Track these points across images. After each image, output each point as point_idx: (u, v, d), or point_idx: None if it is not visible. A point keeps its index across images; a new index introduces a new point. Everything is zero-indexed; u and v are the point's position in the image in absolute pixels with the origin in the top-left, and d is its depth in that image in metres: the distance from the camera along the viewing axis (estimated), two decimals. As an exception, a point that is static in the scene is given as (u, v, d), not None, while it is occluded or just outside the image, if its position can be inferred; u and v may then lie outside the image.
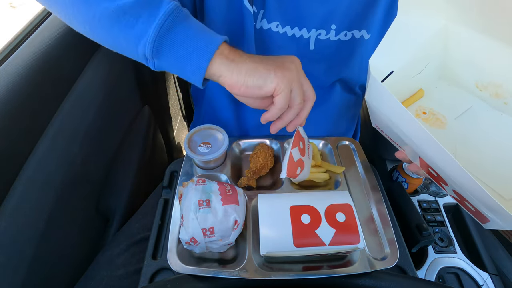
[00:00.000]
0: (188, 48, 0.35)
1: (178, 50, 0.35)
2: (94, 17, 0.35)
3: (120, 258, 0.50)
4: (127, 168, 0.68)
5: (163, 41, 0.34)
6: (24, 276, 0.40)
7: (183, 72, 0.37)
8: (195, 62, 0.35)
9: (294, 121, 0.43)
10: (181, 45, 0.35)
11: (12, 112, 0.40)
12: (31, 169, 0.42)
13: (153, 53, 0.35)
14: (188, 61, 0.35)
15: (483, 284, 0.55)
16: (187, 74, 0.37)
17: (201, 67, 0.36)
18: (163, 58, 0.36)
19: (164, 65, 0.37)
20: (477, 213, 0.37)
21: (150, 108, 0.81)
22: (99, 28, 0.36)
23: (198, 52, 0.35)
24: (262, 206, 0.41)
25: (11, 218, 0.38)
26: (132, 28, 0.34)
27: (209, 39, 0.36)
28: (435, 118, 0.48)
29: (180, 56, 0.35)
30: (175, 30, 0.34)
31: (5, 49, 0.45)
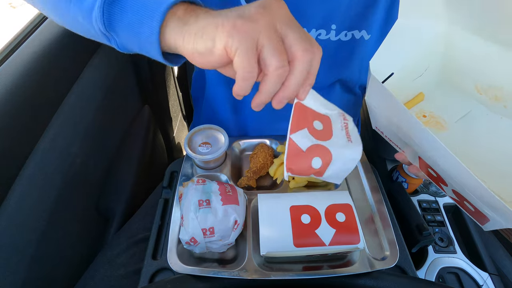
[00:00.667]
0: (138, 12, 0.29)
1: (128, 16, 0.29)
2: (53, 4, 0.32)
3: (120, 258, 0.50)
4: (127, 168, 0.68)
5: (112, 8, 0.29)
6: (24, 276, 0.40)
7: (140, 46, 0.31)
8: (146, 28, 0.29)
9: (278, 94, 0.30)
10: (131, 9, 0.29)
11: (12, 112, 0.40)
12: (31, 169, 0.42)
13: (106, 25, 0.30)
14: (139, 28, 0.29)
15: (483, 284, 0.55)
16: (145, 47, 0.31)
17: (152, 32, 0.29)
18: (117, 30, 0.30)
19: (123, 40, 0.31)
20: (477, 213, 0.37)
21: (150, 108, 0.81)
22: (63, 11, 0.33)
23: (148, 15, 0.28)
24: (262, 206, 0.41)
25: (11, 218, 0.39)
26: (82, 3, 0.30)
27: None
28: (435, 121, 0.48)
29: (131, 23, 0.29)
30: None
31: (5, 49, 0.45)
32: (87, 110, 0.54)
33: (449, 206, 0.69)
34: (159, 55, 0.31)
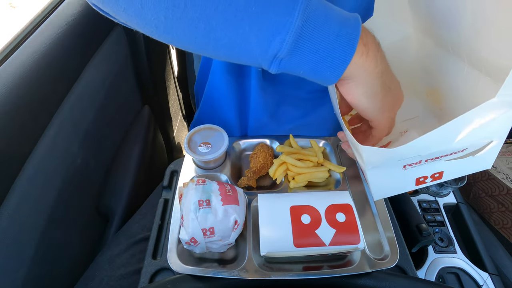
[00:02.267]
0: (329, 39, 0.28)
1: (320, 42, 0.28)
2: (216, 10, 0.26)
3: (120, 258, 0.50)
4: (127, 168, 0.68)
5: (305, 31, 0.27)
6: (24, 276, 0.40)
7: (317, 70, 0.30)
8: (337, 55, 0.29)
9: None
10: (325, 32, 0.27)
11: (12, 112, 0.40)
12: (31, 169, 0.42)
13: (292, 49, 0.27)
14: (329, 54, 0.28)
15: (483, 284, 0.55)
16: (322, 72, 0.30)
17: (345, 60, 0.29)
18: (298, 55, 0.28)
19: (294, 63, 0.29)
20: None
21: (150, 108, 0.81)
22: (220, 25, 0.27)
23: (341, 43, 0.28)
24: (262, 206, 0.41)
25: (11, 218, 0.39)
26: (265, 19, 0.26)
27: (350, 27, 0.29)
28: None
29: (320, 49, 0.28)
30: (318, 16, 0.27)
31: (5, 49, 0.45)
32: (87, 110, 0.54)
33: (449, 206, 0.69)
34: (333, 81, 0.32)
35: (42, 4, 0.55)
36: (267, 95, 0.56)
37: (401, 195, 0.63)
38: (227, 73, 0.56)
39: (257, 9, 0.26)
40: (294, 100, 0.59)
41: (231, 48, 0.29)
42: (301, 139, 0.58)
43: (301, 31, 0.27)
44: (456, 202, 0.69)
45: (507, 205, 0.73)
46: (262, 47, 0.28)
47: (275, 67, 0.29)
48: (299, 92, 0.58)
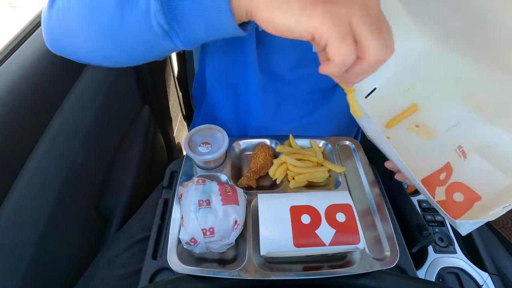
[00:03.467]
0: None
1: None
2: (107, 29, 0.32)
3: (120, 258, 0.50)
4: (127, 168, 0.68)
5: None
6: (24, 276, 0.40)
7: (208, 25, 0.29)
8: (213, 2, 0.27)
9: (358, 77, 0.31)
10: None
11: (12, 112, 0.40)
12: (31, 169, 0.42)
13: (167, 15, 0.28)
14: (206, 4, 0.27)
15: (483, 284, 0.55)
16: (214, 24, 0.29)
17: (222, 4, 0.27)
18: (179, 16, 0.28)
19: (187, 27, 0.29)
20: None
21: (150, 108, 0.81)
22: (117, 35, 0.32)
23: None
24: (262, 206, 0.41)
25: (11, 218, 0.39)
26: (136, 5, 0.29)
27: None
28: (425, 131, 0.49)
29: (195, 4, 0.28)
30: None
31: (5, 49, 0.45)
32: (87, 110, 0.54)
33: (449, 206, 0.69)
34: (233, 24, 0.28)
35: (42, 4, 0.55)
36: (267, 95, 0.57)
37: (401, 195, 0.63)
38: (227, 73, 0.56)
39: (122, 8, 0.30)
40: (295, 100, 0.59)
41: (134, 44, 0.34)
42: (301, 139, 0.58)
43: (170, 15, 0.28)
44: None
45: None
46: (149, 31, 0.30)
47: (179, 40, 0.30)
48: (299, 93, 0.58)
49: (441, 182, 0.43)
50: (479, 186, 0.39)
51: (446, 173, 0.44)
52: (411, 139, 0.49)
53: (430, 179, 0.45)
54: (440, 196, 0.42)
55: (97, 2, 0.31)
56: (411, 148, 0.48)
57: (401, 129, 0.50)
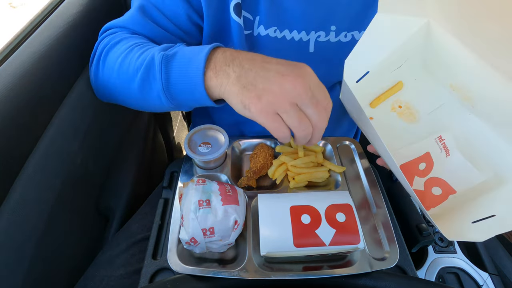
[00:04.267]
0: (185, 83, 0.39)
1: (182, 88, 0.40)
2: (135, 99, 0.47)
3: (120, 258, 0.50)
4: (127, 168, 0.68)
5: (169, 87, 0.40)
6: (24, 276, 0.40)
7: (198, 104, 0.42)
8: (196, 90, 0.39)
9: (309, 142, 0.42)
10: (180, 84, 0.40)
11: (12, 112, 0.40)
12: (31, 169, 0.42)
13: (171, 101, 0.42)
14: (192, 92, 0.40)
15: (483, 284, 0.55)
16: (202, 103, 0.42)
17: (201, 94, 0.39)
18: (179, 99, 0.42)
19: (186, 104, 0.43)
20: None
21: (150, 108, 0.81)
22: (142, 104, 0.48)
23: (193, 81, 0.39)
24: (262, 206, 0.41)
25: (11, 218, 0.38)
26: (152, 95, 0.42)
27: (196, 62, 0.38)
28: (409, 112, 0.50)
29: (183, 89, 0.40)
30: (170, 76, 0.40)
31: (5, 49, 0.45)
32: (87, 110, 0.54)
33: (449, 206, 0.69)
34: (213, 104, 0.41)
35: (42, 4, 0.55)
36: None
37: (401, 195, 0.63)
38: None
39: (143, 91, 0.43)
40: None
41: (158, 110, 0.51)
42: (301, 139, 0.57)
43: (168, 91, 0.41)
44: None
45: (507, 205, 0.73)
46: (163, 106, 0.44)
47: (184, 109, 0.47)
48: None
49: (421, 173, 0.45)
50: (456, 182, 0.42)
51: (426, 164, 0.45)
52: (393, 121, 0.50)
53: (408, 166, 0.46)
54: (418, 186, 0.44)
55: (126, 87, 0.46)
56: (392, 131, 0.49)
57: (385, 110, 0.51)
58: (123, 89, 0.46)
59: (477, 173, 0.41)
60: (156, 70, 0.40)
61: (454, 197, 0.42)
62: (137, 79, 0.42)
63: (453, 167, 0.43)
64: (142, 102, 0.46)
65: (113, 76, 0.46)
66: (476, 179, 0.41)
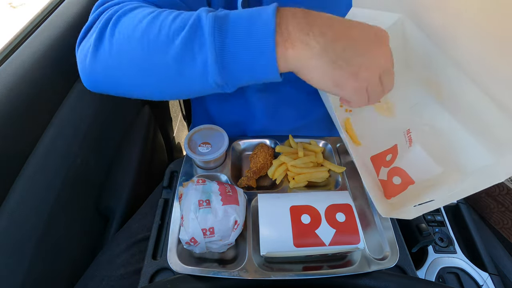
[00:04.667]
0: (249, 50, 0.31)
1: (241, 56, 0.32)
2: (161, 79, 0.35)
3: (120, 258, 0.50)
4: (127, 168, 0.68)
5: (224, 56, 0.31)
6: (24, 276, 0.40)
7: (259, 79, 0.35)
8: (261, 62, 0.32)
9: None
10: (242, 52, 0.31)
11: (12, 112, 0.40)
12: (31, 169, 0.42)
13: (223, 75, 0.32)
14: (256, 63, 0.32)
15: (483, 284, 0.55)
16: (263, 77, 0.34)
17: (272, 68, 0.32)
18: (233, 72, 0.33)
19: (239, 79, 0.34)
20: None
21: (150, 108, 0.81)
22: (171, 84, 0.36)
23: (259, 47, 0.31)
24: (262, 206, 0.41)
25: (11, 218, 0.39)
26: (194, 67, 0.33)
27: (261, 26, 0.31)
28: (387, 107, 0.52)
29: (244, 59, 0.32)
30: (227, 41, 0.31)
31: (5, 49, 0.45)
32: (87, 110, 0.54)
33: (449, 206, 0.69)
34: (278, 79, 0.34)
35: (42, 4, 0.55)
36: (267, 96, 0.57)
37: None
38: None
39: (183, 62, 0.33)
40: (294, 100, 0.59)
41: (190, 94, 0.38)
42: (301, 139, 0.58)
43: (221, 61, 0.32)
44: (456, 202, 0.69)
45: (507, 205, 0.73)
46: (205, 85, 0.34)
47: (228, 89, 0.35)
48: (299, 93, 0.58)
49: (387, 163, 0.47)
50: (415, 173, 0.43)
51: (392, 155, 0.47)
52: (371, 115, 0.52)
53: (378, 157, 0.48)
54: (383, 176, 0.46)
55: (153, 60, 0.34)
56: (370, 124, 0.50)
57: None
58: (146, 63, 0.34)
59: (434, 165, 0.42)
60: (206, 32, 0.31)
61: (413, 187, 0.43)
62: (175, 46, 0.32)
63: (413, 159, 0.44)
64: (170, 80, 0.35)
65: (131, 47, 0.34)
66: (434, 170, 0.42)
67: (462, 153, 0.41)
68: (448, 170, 0.41)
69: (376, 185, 0.45)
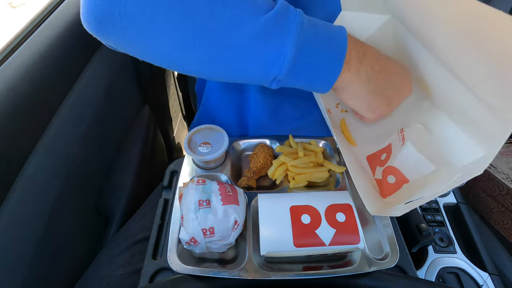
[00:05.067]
0: (320, 60, 0.33)
1: (313, 62, 0.32)
2: (216, 48, 0.30)
3: (120, 258, 0.50)
4: (127, 168, 0.68)
5: (300, 57, 0.31)
6: (24, 276, 0.40)
7: (311, 86, 0.36)
8: (327, 72, 0.34)
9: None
10: (315, 57, 0.32)
11: (12, 112, 0.40)
12: (31, 169, 0.42)
13: (288, 74, 0.32)
14: (319, 72, 0.34)
15: (483, 284, 0.55)
16: (316, 86, 0.37)
17: (332, 77, 0.35)
18: (295, 75, 0.33)
19: (293, 82, 0.35)
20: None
21: (150, 108, 0.81)
22: (223, 56, 0.31)
23: (329, 62, 0.33)
24: (262, 206, 0.41)
25: (11, 218, 0.39)
26: (263, 51, 0.30)
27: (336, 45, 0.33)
28: None
29: (313, 69, 0.33)
30: (309, 44, 0.31)
31: (5, 49, 0.45)
32: (87, 110, 0.54)
33: (449, 206, 0.69)
34: (326, 88, 0.37)
35: (42, 4, 0.55)
36: (267, 95, 0.56)
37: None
38: None
39: (256, 42, 0.30)
40: (294, 100, 0.59)
41: (235, 76, 0.35)
42: (301, 139, 0.58)
43: (295, 58, 0.31)
44: (456, 202, 0.69)
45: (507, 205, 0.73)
46: (263, 74, 0.33)
47: (275, 85, 0.35)
48: (299, 93, 0.58)
49: (381, 163, 0.47)
50: (408, 171, 0.44)
51: (386, 154, 0.47)
52: None
53: (374, 157, 0.49)
54: (378, 175, 0.47)
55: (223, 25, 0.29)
56: (364, 124, 0.50)
57: None
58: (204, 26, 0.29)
59: (427, 163, 0.43)
60: (292, 25, 0.30)
61: (408, 185, 0.44)
62: (256, 22, 0.29)
63: (405, 157, 0.44)
64: (226, 53, 0.31)
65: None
66: (427, 169, 0.43)
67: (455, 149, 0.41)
68: (441, 168, 0.42)
69: (372, 184, 0.46)
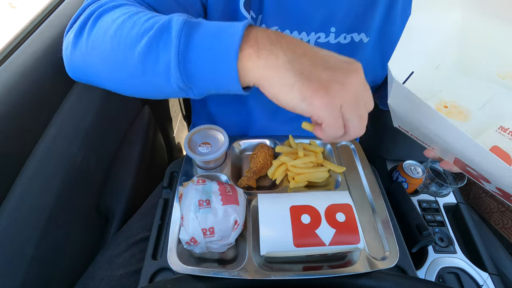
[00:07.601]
0: (211, 57, 0.31)
1: (203, 58, 0.31)
2: (128, 76, 0.36)
3: (120, 258, 0.50)
4: (127, 168, 0.68)
5: (187, 58, 0.31)
6: (24, 276, 0.40)
7: (221, 88, 0.34)
8: (223, 76, 0.31)
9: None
10: (204, 57, 0.31)
11: (12, 112, 0.40)
12: (31, 169, 0.42)
13: (184, 79, 0.32)
14: (217, 70, 0.31)
15: (483, 284, 0.55)
16: (225, 89, 0.33)
17: (232, 77, 0.31)
18: (195, 82, 0.33)
19: (201, 86, 0.33)
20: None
21: (150, 108, 0.81)
22: (138, 82, 0.36)
23: (221, 62, 0.31)
24: (262, 206, 0.41)
25: (11, 218, 0.38)
26: (157, 64, 0.32)
27: (228, 35, 0.30)
28: (457, 111, 0.46)
29: (206, 64, 0.31)
30: (191, 45, 0.31)
31: (5, 49, 0.45)
32: (87, 110, 0.54)
33: (449, 206, 0.69)
34: (240, 90, 0.33)
35: (42, 4, 0.55)
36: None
37: (401, 195, 0.63)
38: None
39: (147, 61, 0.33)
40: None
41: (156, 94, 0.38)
42: (301, 139, 0.58)
43: (183, 63, 0.31)
44: (456, 202, 0.69)
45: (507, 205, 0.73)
46: (169, 87, 0.33)
47: (191, 95, 0.35)
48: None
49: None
50: None
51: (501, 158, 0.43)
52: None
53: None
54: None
55: (121, 56, 0.34)
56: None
57: None
58: (115, 59, 0.35)
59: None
60: (172, 34, 0.31)
61: None
62: (141, 45, 0.32)
63: None
64: (137, 79, 0.35)
65: (105, 42, 0.35)
66: None
67: None
68: None
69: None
